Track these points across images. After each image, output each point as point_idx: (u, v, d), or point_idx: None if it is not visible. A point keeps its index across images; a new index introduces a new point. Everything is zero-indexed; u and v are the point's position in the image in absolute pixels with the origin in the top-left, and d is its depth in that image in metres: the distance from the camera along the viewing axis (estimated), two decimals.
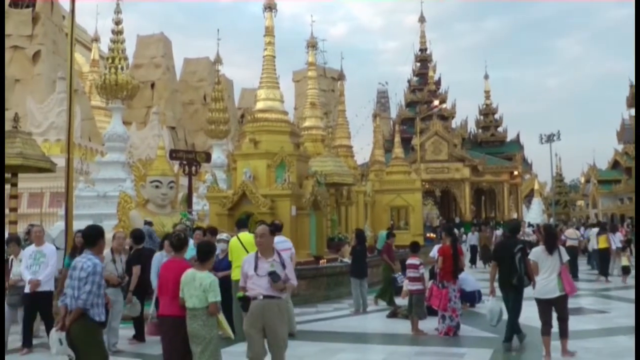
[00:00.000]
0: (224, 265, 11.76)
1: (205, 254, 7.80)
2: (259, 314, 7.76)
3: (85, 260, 7.10)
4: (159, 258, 11.27)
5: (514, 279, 10.70)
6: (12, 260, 11.65)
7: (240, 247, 11.57)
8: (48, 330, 9.14)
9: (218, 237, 12.59)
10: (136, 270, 11.43)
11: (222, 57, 38.20)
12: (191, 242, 11.02)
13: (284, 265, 7.99)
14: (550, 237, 10.34)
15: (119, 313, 11.15)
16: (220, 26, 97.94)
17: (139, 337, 11.81)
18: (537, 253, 10.28)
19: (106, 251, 11.27)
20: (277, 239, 11.77)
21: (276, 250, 8.23)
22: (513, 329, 10.84)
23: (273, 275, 7.70)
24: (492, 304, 11.48)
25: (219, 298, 7.52)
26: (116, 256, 11.29)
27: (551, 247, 10.16)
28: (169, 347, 7.65)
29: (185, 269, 7.67)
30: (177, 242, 8.07)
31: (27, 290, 10.93)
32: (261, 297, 7.79)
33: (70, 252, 12.87)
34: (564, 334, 10.08)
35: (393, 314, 14.89)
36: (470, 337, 12.11)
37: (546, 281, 10.01)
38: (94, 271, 6.99)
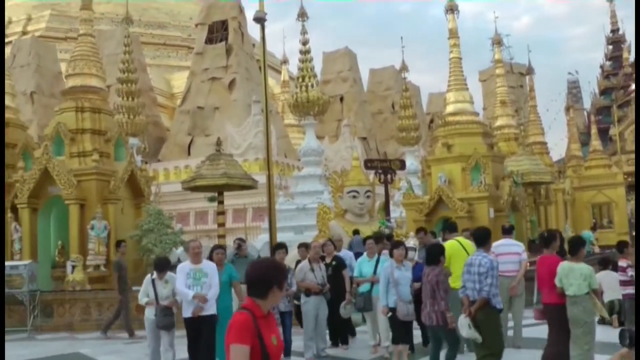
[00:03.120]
0: (417, 272, 10.54)
1: (576, 247, 8.77)
2: None
3: (481, 258, 8.49)
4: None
5: None
6: (153, 280, 10.20)
7: (461, 250, 11.00)
8: (209, 355, 9.49)
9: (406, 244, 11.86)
10: (346, 273, 11.87)
11: (407, 64, 38.47)
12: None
13: None
14: None
15: (324, 319, 11.55)
16: (402, 34, 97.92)
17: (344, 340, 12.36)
18: None
19: (304, 262, 11.83)
20: (505, 241, 11.83)
21: None
22: None
23: None
24: None
25: (596, 285, 8.66)
26: (314, 265, 11.69)
27: None
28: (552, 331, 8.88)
29: (557, 263, 8.72)
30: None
31: (187, 314, 9.50)
32: None
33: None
34: None
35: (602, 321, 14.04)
36: None
37: None
38: (491, 266, 8.36)
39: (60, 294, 18.49)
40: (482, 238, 8.90)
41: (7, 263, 18.47)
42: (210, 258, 10.29)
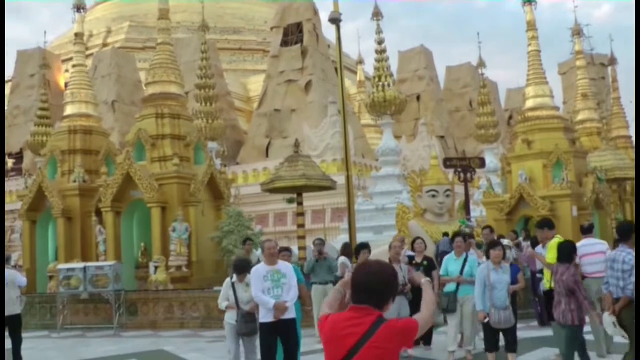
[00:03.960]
0: (513, 273, 10.08)
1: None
2: None
3: (625, 254, 7.98)
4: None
5: None
6: (233, 283, 9.65)
7: None
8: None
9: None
10: (436, 274, 11.77)
11: (484, 59, 37.94)
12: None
13: None
14: None
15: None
16: (478, 29, 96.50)
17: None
18: None
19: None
20: (587, 241, 11.19)
21: None
22: None
23: None
24: None
25: None
26: (395, 265, 11.60)
27: None
28: None
29: None
30: None
31: (267, 318, 8.87)
32: None
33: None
34: None
35: None
36: None
37: None
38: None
39: (144, 293, 18.97)
40: (625, 232, 8.36)
41: (93, 264, 19.14)
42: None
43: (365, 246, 12.18)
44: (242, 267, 9.70)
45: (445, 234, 16.85)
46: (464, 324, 11.23)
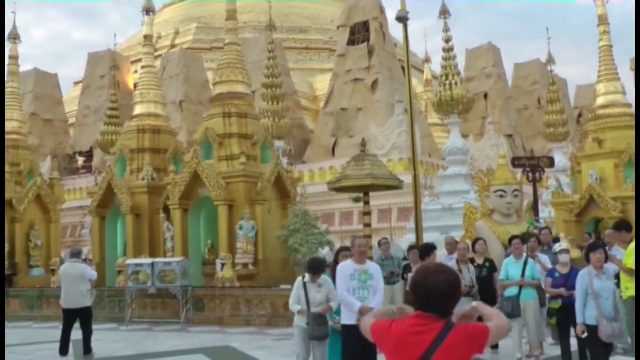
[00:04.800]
0: (571, 280, 9.42)
1: None
2: None
3: None
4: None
5: None
6: (305, 283, 9.10)
7: None
8: None
9: (557, 247, 10.81)
10: (497, 276, 11.57)
11: (553, 55, 37.28)
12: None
13: None
14: None
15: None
16: (548, 24, 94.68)
17: None
18: None
19: (451, 262, 11.64)
20: None
21: None
22: None
23: None
24: None
25: None
26: (462, 266, 11.48)
27: None
28: None
29: None
30: None
31: (350, 320, 8.22)
32: None
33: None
34: None
35: None
36: None
37: None
38: None
39: (210, 289, 19.19)
40: None
41: (160, 259, 19.47)
42: (336, 261, 9.42)
43: (433, 247, 11.94)
44: (317, 268, 9.18)
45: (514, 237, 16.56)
46: (528, 329, 10.95)
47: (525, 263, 11.00)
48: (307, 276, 9.08)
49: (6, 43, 27.97)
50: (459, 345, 3.42)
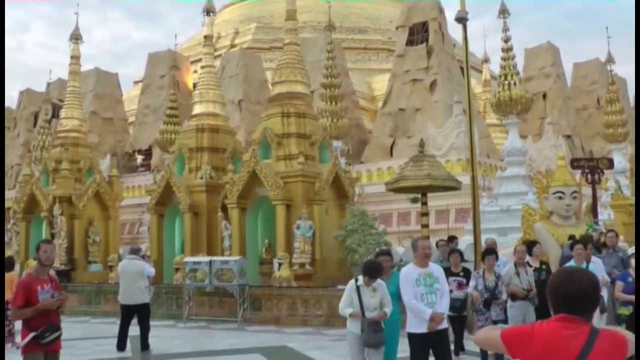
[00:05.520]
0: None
1: None
2: None
3: None
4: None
5: None
6: (358, 287, 8.58)
7: None
8: None
9: (630, 250, 10.81)
10: None
11: (613, 55, 36.65)
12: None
13: None
14: None
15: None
16: (607, 23, 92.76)
17: None
18: None
19: (509, 266, 11.53)
20: None
21: None
22: None
23: None
24: None
25: None
26: (520, 269, 11.36)
27: None
28: None
29: None
30: None
31: (419, 329, 8.00)
32: None
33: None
34: None
35: None
36: None
37: None
38: None
39: (267, 289, 19.34)
40: None
41: (218, 258, 19.72)
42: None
43: (492, 252, 11.71)
44: (375, 271, 8.59)
45: (571, 237, 16.31)
46: None
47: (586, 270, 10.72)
48: (361, 279, 8.62)
49: (68, 44, 28.63)
50: (607, 353, 3.37)
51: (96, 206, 26.85)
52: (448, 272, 11.63)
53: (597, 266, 11.48)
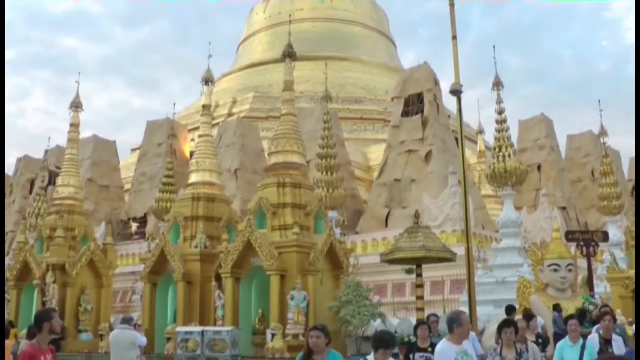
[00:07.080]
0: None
1: None
2: None
3: None
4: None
5: None
6: None
7: None
8: None
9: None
10: (550, 349, 11.28)
11: (606, 127, 37.21)
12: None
13: None
14: None
15: None
16: (600, 95, 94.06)
17: None
18: None
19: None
20: None
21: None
22: None
23: None
24: None
25: None
26: (519, 345, 11.15)
27: None
28: None
29: None
30: None
31: None
32: None
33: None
34: None
35: None
36: None
37: None
38: None
39: None
40: None
41: (211, 328, 19.52)
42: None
43: (510, 323, 10.28)
44: (388, 342, 7.72)
45: (555, 307, 16.17)
46: None
47: (583, 347, 10.32)
48: (372, 356, 7.70)
49: (68, 111, 28.85)
50: None
51: (89, 274, 26.67)
52: (414, 348, 11.09)
53: (618, 344, 10.93)
